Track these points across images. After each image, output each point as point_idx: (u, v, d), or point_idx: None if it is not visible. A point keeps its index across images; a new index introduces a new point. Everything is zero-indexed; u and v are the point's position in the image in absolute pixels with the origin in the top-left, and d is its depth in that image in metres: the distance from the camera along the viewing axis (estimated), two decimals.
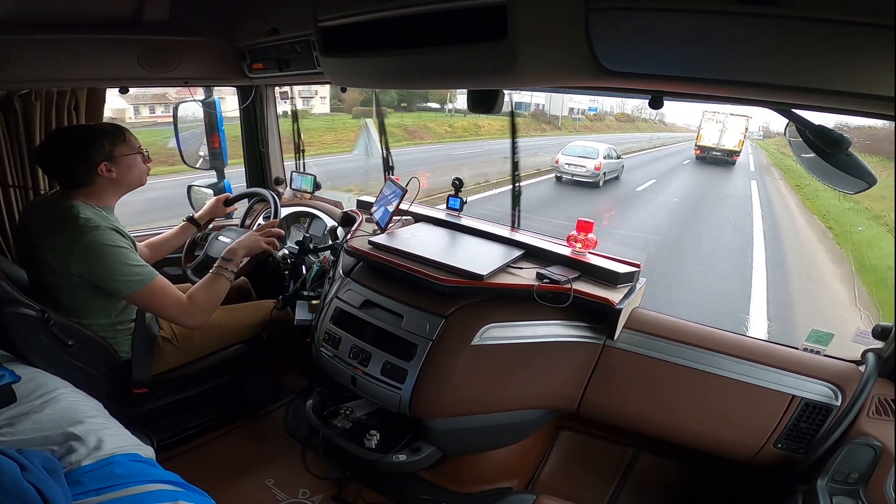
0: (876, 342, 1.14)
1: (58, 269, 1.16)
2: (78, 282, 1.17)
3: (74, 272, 1.15)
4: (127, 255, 1.17)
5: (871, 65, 0.52)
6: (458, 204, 1.64)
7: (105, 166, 1.20)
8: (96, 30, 1.30)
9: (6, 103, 1.42)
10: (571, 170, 9.79)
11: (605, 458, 1.53)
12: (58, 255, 1.15)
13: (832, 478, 1.03)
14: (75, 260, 1.14)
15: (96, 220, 1.16)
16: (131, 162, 1.25)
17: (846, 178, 0.77)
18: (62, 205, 1.18)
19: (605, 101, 30.09)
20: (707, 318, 1.31)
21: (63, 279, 1.17)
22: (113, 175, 1.21)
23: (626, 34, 0.65)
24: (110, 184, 1.23)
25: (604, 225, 7.18)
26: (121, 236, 1.20)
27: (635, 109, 30.08)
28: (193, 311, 1.26)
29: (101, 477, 0.83)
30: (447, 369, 1.22)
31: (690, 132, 26.12)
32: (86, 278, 1.16)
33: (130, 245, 1.23)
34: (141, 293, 1.19)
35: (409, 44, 0.77)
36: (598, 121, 28.38)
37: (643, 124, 30.57)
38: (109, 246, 1.15)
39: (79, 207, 1.17)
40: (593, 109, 26.46)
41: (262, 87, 2.00)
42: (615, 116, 30.76)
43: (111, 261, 1.15)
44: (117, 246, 1.16)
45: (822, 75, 0.58)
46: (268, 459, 1.55)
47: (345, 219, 1.74)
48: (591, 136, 21.26)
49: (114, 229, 1.19)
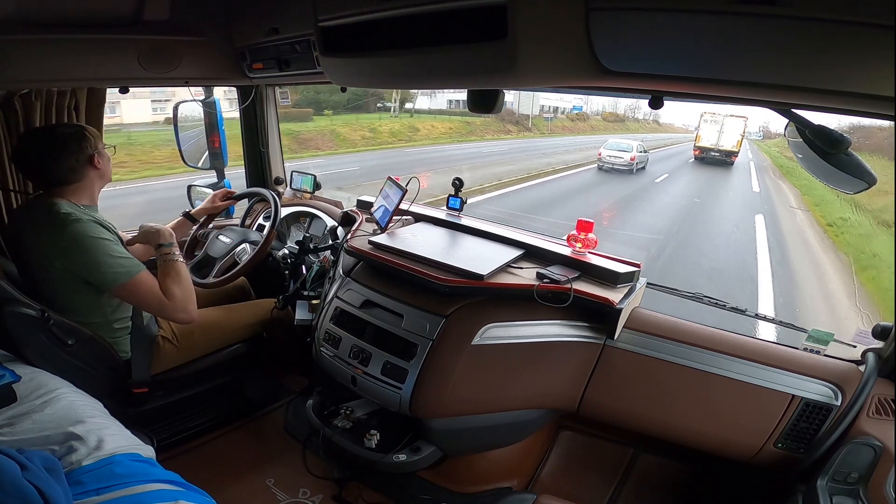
0: (876, 342, 1.14)
1: (44, 265, 1.17)
2: (64, 277, 1.17)
3: (60, 266, 1.15)
4: (110, 247, 1.18)
5: (871, 65, 0.52)
6: (458, 204, 1.65)
7: (96, 158, 1.24)
8: (96, 30, 1.30)
9: (6, 103, 1.42)
10: (611, 161, 12.39)
11: (605, 458, 1.53)
12: (43, 251, 1.16)
13: (832, 478, 1.03)
14: (60, 253, 1.14)
15: (78, 214, 1.18)
16: (107, 154, 1.30)
17: (846, 178, 0.77)
18: (45, 203, 1.19)
19: (593, 99, 29.33)
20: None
21: (49, 275, 1.18)
22: (100, 167, 1.26)
23: (626, 34, 0.65)
24: (98, 177, 1.27)
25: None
26: (104, 229, 1.21)
27: (628, 109, 29.41)
28: (176, 304, 1.24)
29: (102, 476, 0.83)
30: (447, 369, 1.22)
31: (688, 132, 25.76)
32: (71, 272, 1.17)
33: (115, 238, 1.23)
34: (125, 286, 1.19)
35: (410, 44, 0.77)
36: (580, 121, 26.84)
37: (634, 124, 29.38)
38: (92, 237, 1.16)
39: (61, 204, 1.19)
40: (578, 108, 25.16)
41: (262, 87, 2.00)
42: (602, 116, 29.50)
43: (94, 252, 1.15)
44: (100, 238, 1.17)
45: (822, 75, 0.58)
46: (268, 459, 1.55)
47: (345, 218, 1.74)
48: (567, 136, 20.64)
49: (97, 222, 1.20)
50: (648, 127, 29.64)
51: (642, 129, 28.35)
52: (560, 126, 25.33)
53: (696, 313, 1.38)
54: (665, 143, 22.77)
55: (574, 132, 24.98)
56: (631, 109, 29.63)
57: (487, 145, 16.92)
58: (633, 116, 30.53)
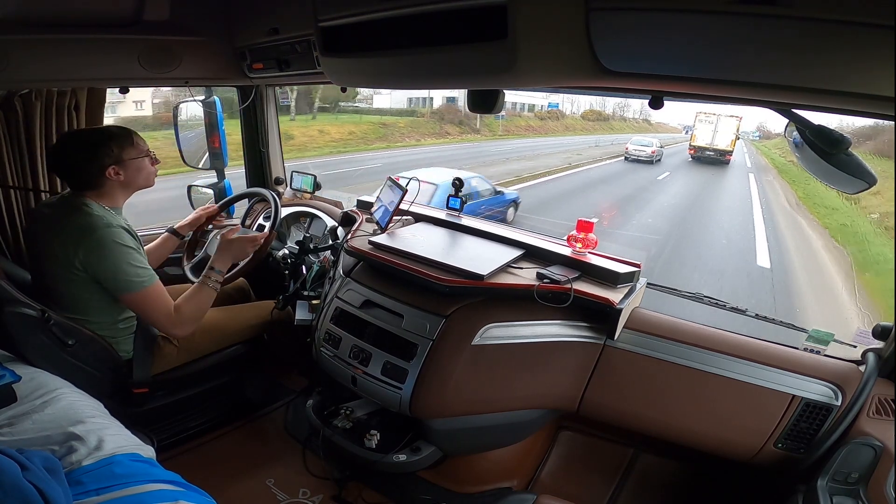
0: (876, 342, 1.14)
1: (64, 262, 1.17)
2: (81, 276, 1.18)
3: (79, 265, 1.16)
4: (133, 256, 1.20)
5: (871, 65, 0.52)
6: (458, 204, 1.65)
7: (113, 170, 1.22)
8: (96, 30, 1.30)
9: (6, 103, 1.42)
10: (636, 153, 15.45)
11: (606, 458, 1.53)
12: (66, 248, 1.16)
13: (832, 478, 1.03)
14: (83, 252, 1.15)
15: (108, 219, 1.19)
16: (139, 165, 1.28)
17: (846, 178, 0.77)
18: (75, 202, 1.21)
19: (581, 97, 27.88)
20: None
21: (67, 272, 1.18)
22: (121, 178, 1.25)
23: (626, 34, 0.65)
24: (119, 186, 1.26)
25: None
26: (131, 237, 1.23)
27: (616, 107, 27.92)
28: (180, 321, 1.27)
29: (102, 477, 0.83)
30: (447, 369, 1.22)
31: (680, 132, 24.93)
32: (87, 272, 1.18)
33: (138, 246, 1.25)
34: (135, 295, 1.21)
35: (410, 44, 0.77)
36: (552, 119, 23.86)
37: (620, 123, 27.07)
38: (119, 244, 1.18)
39: (91, 205, 1.20)
40: (553, 105, 23.29)
41: (263, 87, 2.00)
42: (582, 115, 27.01)
43: (117, 258, 1.17)
44: (126, 245, 1.19)
45: (822, 75, 0.58)
46: (268, 459, 1.55)
47: (345, 219, 1.74)
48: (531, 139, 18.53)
49: (124, 229, 1.22)
50: (637, 126, 27.54)
51: (628, 129, 26.06)
52: (524, 126, 21.88)
53: (696, 311, 1.39)
54: (660, 143, 21.96)
55: (540, 133, 21.62)
56: (620, 107, 28.41)
57: (399, 154, 13.97)
58: (620, 115, 28.83)
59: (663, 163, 15.36)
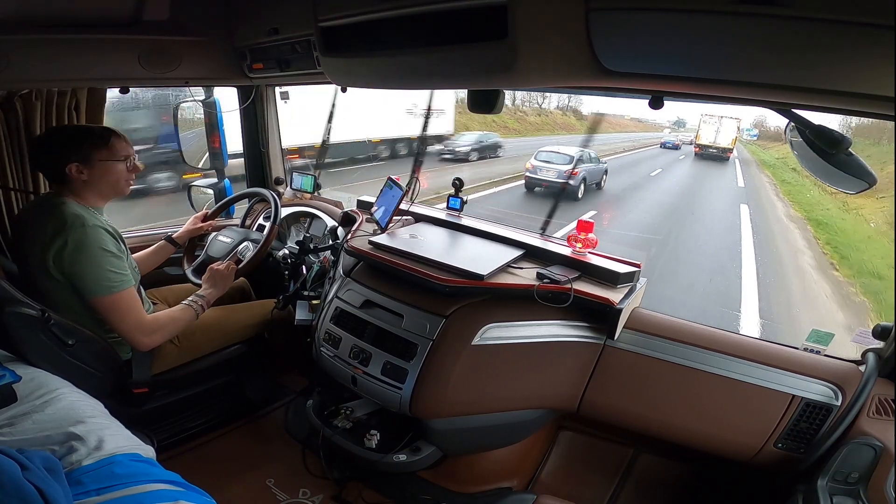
0: (876, 342, 1.14)
1: (39, 262, 1.16)
2: (56, 277, 1.16)
3: (52, 265, 1.15)
4: (105, 258, 1.18)
5: (871, 65, 0.52)
6: (458, 204, 1.65)
7: (76, 167, 1.19)
8: (96, 30, 1.30)
9: (6, 103, 1.42)
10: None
11: (606, 458, 1.53)
12: (39, 247, 1.15)
13: (832, 477, 1.03)
14: (53, 251, 1.13)
15: (84, 218, 1.17)
16: (109, 168, 1.23)
17: (847, 178, 0.77)
18: (52, 201, 1.19)
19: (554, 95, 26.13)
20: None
21: (44, 272, 1.16)
22: (83, 177, 1.21)
23: (626, 34, 0.65)
24: (83, 185, 1.22)
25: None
26: (110, 237, 1.21)
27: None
28: (149, 333, 1.26)
29: (102, 477, 0.83)
30: (447, 369, 1.22)
31: (659, 129, 25.13)
32: (62, 273, 1.16)
33: (117, 245, 1.22)
34: (103, 300, 1.18)
35: (410, 44, 0.77)
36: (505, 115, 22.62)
37: (604, 124, 25.16)
38: (91, 245, 1.16)
39: (68, 204, 1.18)
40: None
41: (263, 87, 2.00)
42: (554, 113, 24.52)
43: (86, 259, 1.15)
44: (100, 247, 1.17)
45: (822, 75, 0.58)
46: (268, 459, 1.55)
47: (345, 219, 1.74)
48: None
49: (103, 228, 1.19)
50: (622, 125, 25.11)
51: (612, 130, 23.98)
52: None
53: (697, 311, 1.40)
54: (619, 147, 17.92)
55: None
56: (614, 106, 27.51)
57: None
58: (605, 114, 24.86)
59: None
